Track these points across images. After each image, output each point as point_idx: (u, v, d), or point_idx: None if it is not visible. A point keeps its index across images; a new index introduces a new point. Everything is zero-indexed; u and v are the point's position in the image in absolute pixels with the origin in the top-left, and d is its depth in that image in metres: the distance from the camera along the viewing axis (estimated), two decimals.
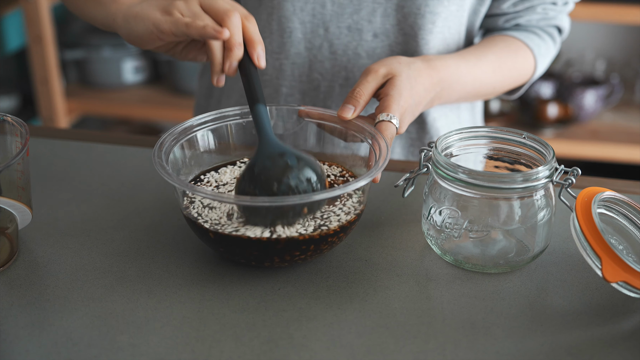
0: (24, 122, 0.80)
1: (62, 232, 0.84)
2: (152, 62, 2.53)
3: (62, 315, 0.71)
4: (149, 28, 0.83)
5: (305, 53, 1.04)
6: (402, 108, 0.85)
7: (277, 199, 0.71)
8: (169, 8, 0.82)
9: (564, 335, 0.70)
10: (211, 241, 0.76)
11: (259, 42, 0.82)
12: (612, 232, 0.77)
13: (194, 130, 0.85)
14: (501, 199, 0.76)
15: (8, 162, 0.73)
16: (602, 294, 0.75)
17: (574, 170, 0.78)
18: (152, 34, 0.83)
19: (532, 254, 0.78)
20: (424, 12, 1.00)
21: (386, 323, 0.71)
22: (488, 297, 0.75)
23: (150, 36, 0.83)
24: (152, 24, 0.82)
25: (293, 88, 1.06)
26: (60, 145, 1.05)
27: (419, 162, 0.80)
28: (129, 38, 0.87)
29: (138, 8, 0.85)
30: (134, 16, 0.85)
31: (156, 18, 0.82)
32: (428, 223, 0.80)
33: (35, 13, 2.22)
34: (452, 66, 0.95)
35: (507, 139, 0.82)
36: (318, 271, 0.78)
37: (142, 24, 0.83)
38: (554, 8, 1.06)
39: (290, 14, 1.01)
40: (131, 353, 0.67)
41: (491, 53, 1.02)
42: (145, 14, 0.83)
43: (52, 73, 2.31)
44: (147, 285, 0.76)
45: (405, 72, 0.87)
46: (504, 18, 1.07)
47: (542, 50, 1.07)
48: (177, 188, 0.75)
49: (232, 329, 0.70)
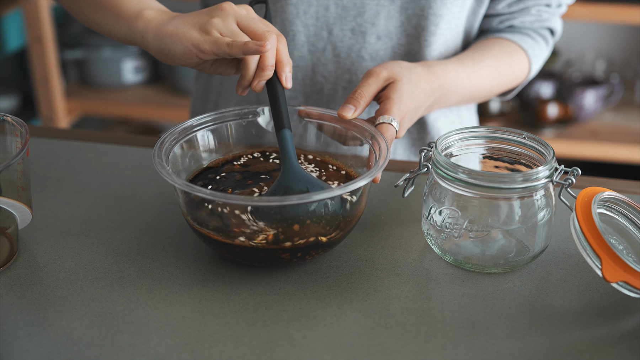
0: (24, 122, 0.80)
1: (62, 232, 0.84)
2: (152, 62, 2.53)
3: (62, 315, 0.71)
4: (188, 48, 0.82)
5: (308, 56, 1.04)
6: (402, 112, 0.85)
7: (277, 198, 0.71)
8: (207, 27, 0.81)
9: (564, 335, 0.70)
10: (211, 242, 0.76)
11: (288, 63, 0.84)
12: (612, 232, 0.77)
13: (194, 130, 0.85)
14: (501, 199, 0.76)
15: (8, 162, 0.73)
16: (602, 294, 0.75)
17: (574, 170, 0.78)
18: (192, 54, 0.82)
19: (532, 254, 0.78)
20: (427, 14, 1.00)
21: (386, 323, 0.71)
22: (488, 297, 0.75)
23: (188, 56, 0.83)
24: (192, 44, 0.81)
25: (296, 91, 1.06)
26: (60, 145, 1.05)
27: (419, 162, 0.80)
28: (161, 56, 0.85)
29: (172, 27, 0.83)
30: (169, 35, 0.83)
31: (195, 38, 0.81)
32: (428, 223, 0.80)
33: (35, 13, 2.22)
34: (452, 72, 0.96)
35: (507, 139, 0.82)
36: (318, 271, 0.78)
37: (179, 44, 0.82)
38: (548, 10, 1.07)
39: (294, 17, 1.01)
40: (131, 353, 0.67)
41: (489, 57, 1.03)
42: (182, 34, 0.82)
43: (52, 73, 2.31)
44: (147, 285, 0.76)
45: (407, 76, 0.88)
46: (499, 19, 1.07)
47: (536, 53, 1.08)
48: (177, 188, 0.75)
49: (232, 329, 0.70)
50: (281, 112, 0.82)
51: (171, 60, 0.85)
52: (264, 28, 0.82)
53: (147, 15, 0.86)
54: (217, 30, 0.81)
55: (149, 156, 0.98)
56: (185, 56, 0.83)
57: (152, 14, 0.86)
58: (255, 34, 0.81)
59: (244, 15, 0.83)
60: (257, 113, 0.88)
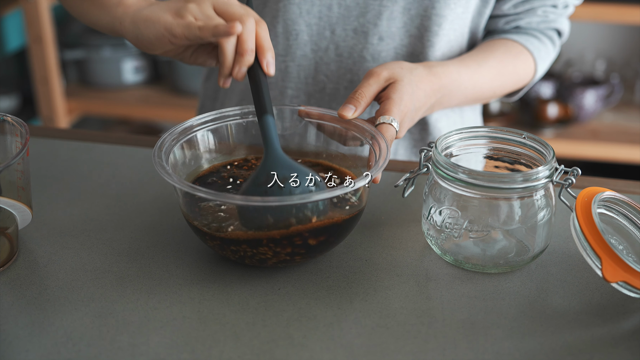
0: (24, 122, 0.80)
1: (62, 232, 0.84)
2: (152, 62, 2.53)
3: (62, 315, 0.71)
4: (160, 32, 0.81)
5: (311, 55, 1.03)
6: (402, 112, 0.85)
7: (272, 199, 0.71)
8: (181, 11, 0.80)
9: (564, 335, 0.70)
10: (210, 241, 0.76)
11: (269, 49, 0.81)
12: (612, 232, 0.77)
13: (194, 130, 0.85)
14: (501, 199, 0.76)
15: (8, 162, 0.73)
16: (602, 294, 0.75)
17: (574, 170, 0.78)
18: (164, 38, 0.81)
19: (532, 254, 0.78)
20: (430, 14, 1.00)
21: (386, 323, 0.71)
22: (488, 297, 0.75)
23: (161, 40, 0.81)
24: (164, 28, 0.80)
25: (299, 90, 1.06)
26: (60, 145, 1.05)
27: (419, 162, 0.80)
28: (137, 42, 0.85)
29: (147, 11, 0.83)
30: (144, 20, 0.82)
31: (168, 21, 0.80)
32: (428, 223, 0.80)
33: (35, 13, 2.22)
34: (454, 73, 0.95)
35: (507, 139, 0.82)
36: (318, 271, 0.78)
37: (152, 28, 0.81)
38: (554, 11, 1.06)
39: (297, 16, 1.01)
40: (131, 353, 0.67)
41: (492, 58, 1.02)
42: (156, 18, 0.81)
43: (52, 73, 2.31)
44: (147, 285, 0.76)
45: (407, 77, 0.87)
46: (504, 20, 1.07)
47: (542, 54, 1.07)
48: (177, 188, 0.75)
49: (232, 329, 0.70)
50: (263, 98, 0.80)
51: (146, 47, 0.84)
52: (241, 12, 0.79)
53: (127, 2, 0.87)
54: (192, 15, 0.80)
55: (149, 156, 0.98)
56: (157, 41, 0.82)
57: (132, 0, 0.87)
58: (232, 18, 0.79)
59: (221, 0, 0.81)
60: None
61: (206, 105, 1.18)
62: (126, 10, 0.86)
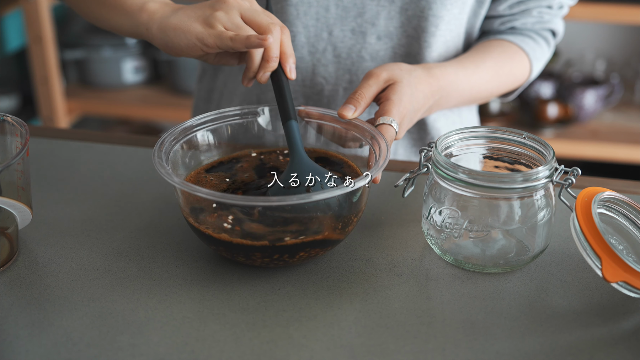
0: (24, 122, 0.80)
1: (62, 232, 0.84)
2: (152, 62, 2.53)
3: (62, 315, 0.71)
4: (192, 41, 0.83)
5: (308, 57, 1.04)
6: (401, 113, 0.85)
7: (277, 198, 0.71)
8: (210, 20, 0.83)
9: (564, 335, 0.70)
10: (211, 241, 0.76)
11: (291, 55, 0.85)
12: (612, 232, 0.77)
13: (194, 130, 0.85)
14: (501, 199, 0.76)
15: (8, 162, 0.73)
16: (602, 294, 0.75)
17: (574, 170, 0.78)
18: (195, 47, 0.84)
19: (532, 254, 0.78)
20: (427, 15, 1.00)
21: (386, 323, 0.71)
22: (488, 297, 0.75)
23: (192, 49, 0.84)
24: (196, 38, 0.83)
25: (296, 92, 1.06)
26: (60, 145, 1.05)
27: (419, 162, 0.80)
28: (165, 48, 0.87)
29: (176, 20, 0.85)
30: (173, 28, 0.84)
31: (199, 32, 0.83)
32: (428, 223, 0.80)
33: (35, 13, 2.22)
34: (452, 75, 0.96)
35: (507, 139, 0.82)
36: (318, 271, 0.78)
37: (183, 37, 0.84)
38: (549, 12, 1.07)
39: (294, 18, 1.01)
40: (131, 353, 0.67)
41: (489, 59, 1.03)
42: (186, 27, 0.83)
43: (52, 73, 2.31)
44: (147, 285, 0.76)
45: (407, 78, 0.88)
46: (500, 20, 1.07)
47: (537, 54, 1.08)
48: (177, 188, 0.75)
49: (232, 329, 0.70)
50: (287, 103, 0.84)
51: (175, 53, 0.87)
52: (267, 20, 0.83)
53: (150, 7, 0.88)
54: (221, 24, 0.82)
55: (149, 156, 0.98)
56: (189, 49, 0.85)
57: (155, 6, 0.88)
58: (260, 27, 0.83)
59: (248, 8, 0.84)
60: (257, 113, 0.89)
61: (199, 107, 1.19)
62: (152, 16, 0.87)
